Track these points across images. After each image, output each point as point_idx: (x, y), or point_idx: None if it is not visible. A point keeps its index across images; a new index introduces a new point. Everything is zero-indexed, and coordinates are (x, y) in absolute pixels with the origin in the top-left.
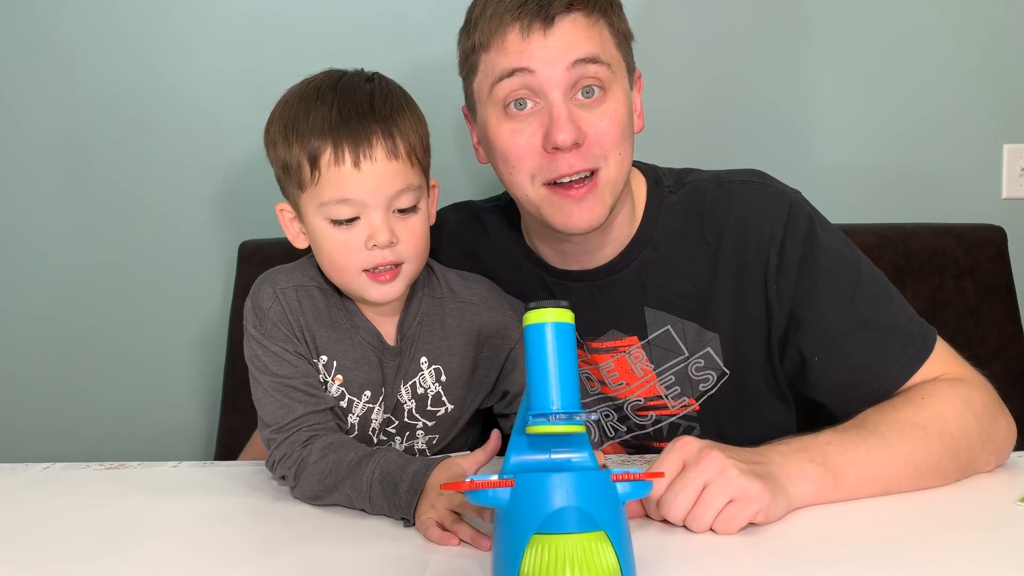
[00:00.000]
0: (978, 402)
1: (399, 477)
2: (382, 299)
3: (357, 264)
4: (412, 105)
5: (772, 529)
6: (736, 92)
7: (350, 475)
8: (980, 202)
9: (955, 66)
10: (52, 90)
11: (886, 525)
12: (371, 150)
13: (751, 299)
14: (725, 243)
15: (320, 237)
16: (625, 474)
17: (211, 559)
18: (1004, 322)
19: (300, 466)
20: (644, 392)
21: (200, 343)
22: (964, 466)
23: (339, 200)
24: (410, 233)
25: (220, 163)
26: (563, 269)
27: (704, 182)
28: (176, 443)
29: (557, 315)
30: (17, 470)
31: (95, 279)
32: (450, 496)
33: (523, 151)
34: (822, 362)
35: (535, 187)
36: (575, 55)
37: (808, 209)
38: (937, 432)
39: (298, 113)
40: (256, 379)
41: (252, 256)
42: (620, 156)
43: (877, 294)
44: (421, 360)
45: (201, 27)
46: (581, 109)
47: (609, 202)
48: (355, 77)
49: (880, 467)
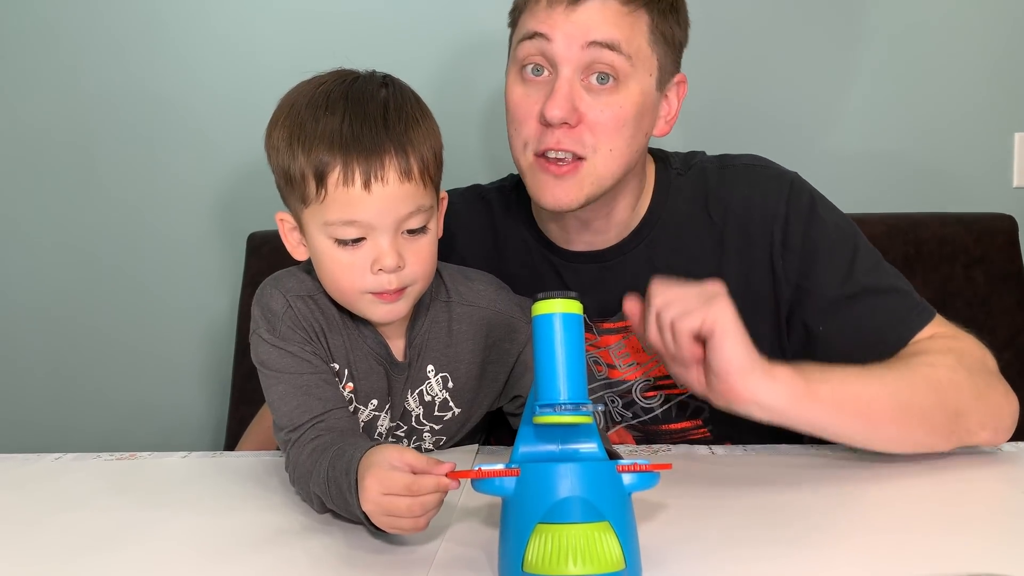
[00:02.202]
0: (973, 359)
1: (344, 467)
2: (386, 319)
3: (361, 286)
4: (426, 115)
5: (778, 518)
6: (747, 82)
7: (314, 473)
8: (991, 191)
9: (966, 55)
10: (59, 84)
11: (888, 510)
12: (383, 171)
13: (758, 277)
14: (730, 223)
15: (323, 256)
16: (631, 465)
17: (220, 549)
18: (1015, 311)
19: (295, 469)
20: (654, 372)
21: (209, 335)
22: (952, 420)
23: (346, 221)
24: (417, 255)
25: (227, 155)
26: (573, 251)
27: (709, 164)
28: (186, 434)
29: (566, 306)
30: (29, 460)
31: (105, 274)
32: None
33: (524, 116)
34: (828, 331)
35: (526, 153)
36: (592, 36)
37: (808, 187)
38: (923, 374)
39: (305, 121)
40: (271, 382)
41: (260, 248)
42: (611, 152)
43: (876, 263)
44: (428, 368)
45: (206, 19)
46: (588, 92)
47: (587, 191)
48: (367, 83)
49: (859, 389)
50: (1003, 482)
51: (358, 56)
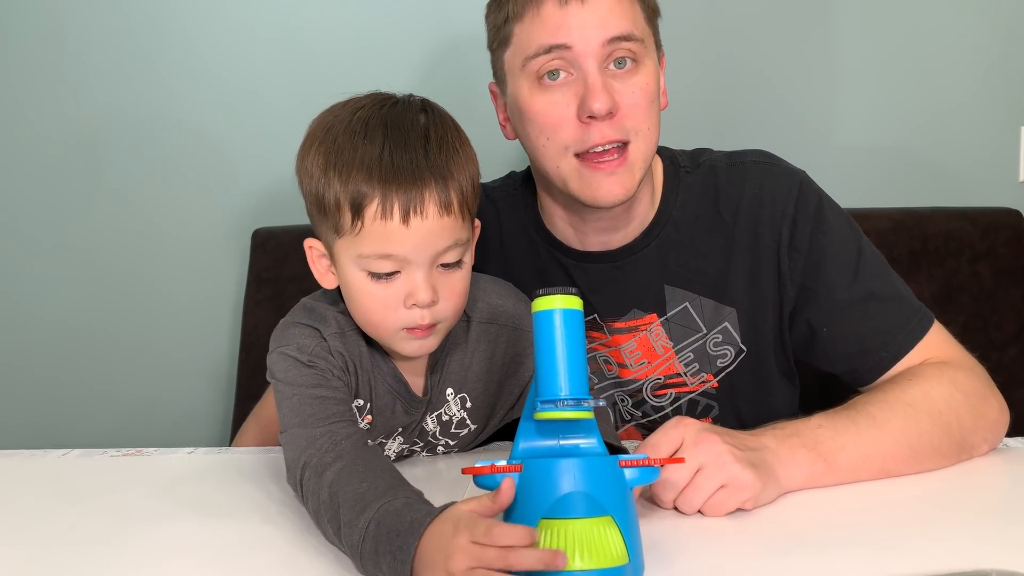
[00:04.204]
0: (966, 382)
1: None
2: (416, 354)
3: (395, 322)
4: (465, 143)
5: (781, 512)
6: (752, 76)
7: (343, 508)
8: (996, 186)
9: (972, 49)
10: (64, 83)
11: (881, 509)
12: (423, 205)
13: (765, 274)
14: (740, 220)
15: (355, 289)
16: (632, 460)
17: (226, 545)
18: (1020, 306)
19: (311, 478)
20: (664, 370)
21: (214, 331)
22: (959, 444)
23: (381, 255)
24: (451, 291)
25: (232, 151)
26: (583, 251)
27: (718, 162)
28: (191, 430)
29: (566, 302)
30: (35, 456)
31: (109, 270)
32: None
33: (558, 121)
34: (831, 333)
35: (567, 158)
36: (611, 32)
37: (816, 188)
38: (926, 409)
39: (343, 148)
40: (285, 391)
41: (265, 244)
42: (649, 130)
43: (879, 268)
44: (447, 392)
45: (210, 17)
46: (614, 79)
47: (638, 176)
48: (407, 109)
49: (872, 447)
50: (1006, 477)
51: (357, 56)
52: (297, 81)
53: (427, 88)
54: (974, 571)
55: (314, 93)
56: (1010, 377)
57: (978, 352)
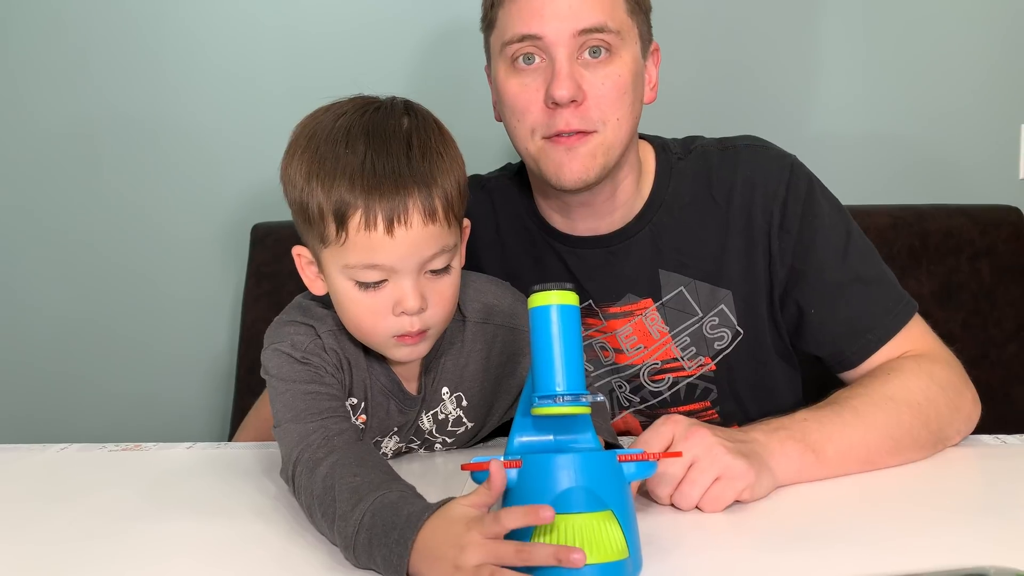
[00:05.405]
0: (942, 375)
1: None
2: (407, 360)
3: (384, 330)
4: (449, 144)
5: (779, 506)
6: (749, 71)
7: (338, 502)
8: (996, 183)
9: (971, 45)
10: (63, 80)
11: (879, 505)
12: (407, 215)
13: (757, 255)
14: (734, 203)
15: (343, 297)
16: (630, 455)
17: (225, 539)
18: (1020, 303)
19: (303, 472)
20: (661, 355)
21: (213, 326)
22: (936, 436)
23: (367, 265)
24: (440, 296)
25: (230, 146)
26: (577, 236)
27: (709, 147)
28: (190, 425)
29: (562, 297)
30: (34, 451)
31: (108, 266)
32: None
33: (526, 104)
34: (818, 315)
35: (534, 140)
36: (583, 24)
37: (806, 171)
38: (906, 402)
39: (325, 157)
40: (279, 387)
41: (264, 239)
42: (618, 121)
43: (867, 252)
44: (443, 391)
45: (207, 16)
46: (585, 68)
47: (601, 161)
48: (389, 114)
49: (857, 439)
50: (1004, 474)
51: (354, 48)
52: (297, 75)
53: (423, 75)
54: (973, 568)
55: (314, 87)
56: (1009, 374)
57: (978, 349)
